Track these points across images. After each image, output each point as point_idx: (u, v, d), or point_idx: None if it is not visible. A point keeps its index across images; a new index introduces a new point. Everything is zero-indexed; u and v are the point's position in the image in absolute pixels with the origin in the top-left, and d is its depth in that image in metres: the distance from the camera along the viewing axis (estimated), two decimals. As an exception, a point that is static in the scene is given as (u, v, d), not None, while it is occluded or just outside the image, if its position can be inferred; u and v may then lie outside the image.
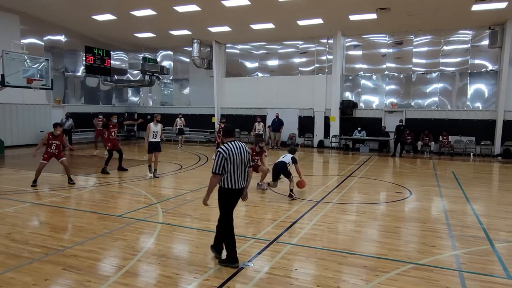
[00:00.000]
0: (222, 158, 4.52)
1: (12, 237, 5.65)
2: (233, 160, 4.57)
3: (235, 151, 4.60)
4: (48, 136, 9.73)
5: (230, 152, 4.56)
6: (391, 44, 19.70)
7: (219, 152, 4.55)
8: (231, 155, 4.56)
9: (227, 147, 4.59)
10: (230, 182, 4.61)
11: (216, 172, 4.54)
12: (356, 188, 10.09)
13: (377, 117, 20.04)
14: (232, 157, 4.56)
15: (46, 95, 19.75)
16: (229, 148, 4.59)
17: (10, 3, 16.89)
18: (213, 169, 4.55)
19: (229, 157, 4.54)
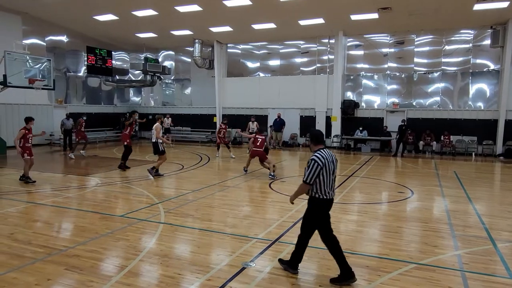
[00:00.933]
0: (318, 167, 4.20)
1: (15, 237, 5.67)
2: (328, 169, 4.27)
3: (328, 159, 4.30)
4: (25, 131, 9.94)
5: (325, 161, 4.24)
6: (392, 43, 19.68)
7: (314, 161, 4.21)
8: (326, 164, 4.25)
9: (322, 155, 4.27)
10: (324, 193, 4.29)
11: (308, 182, 4.24)
12: (357, 188, 10.08)
13: (379, 117, 20.02)
14: (328, 166, 4.26)
15: (48, 96, 19.79)
16: (324, 156, 4.27)
17: (12, 3, 16.94)
18: (305, 178, 4.24)
19: (325, 166, 4.23)
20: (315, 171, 4.20)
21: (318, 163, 4.20)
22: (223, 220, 6.81)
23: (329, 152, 4.39)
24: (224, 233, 6.03)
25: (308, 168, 4.25)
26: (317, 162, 4.21)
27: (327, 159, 4.27)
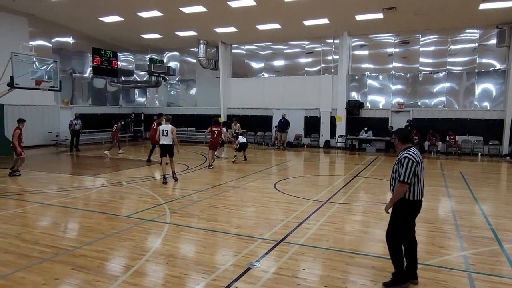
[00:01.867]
0: (413, 165, 3.99)
1: (22, 237, 5.73)
2: (421, 167, 4.10)
3: (420, 158, 4.11)
4: (20, 131, 10.85)
5: (418, 158, 4.06)
6: (397, 43, 19.61)
7: (408, 158, 4.01)
8: (420, 162, 4.07)
9: (414, 153, 4.08)
10: (415, 193, 4.08)
11: (407, 181, 3.98)
12: (363, 188, 10.06)
13: (384, 117, 19.96)
14: (421, 164, 4.09)
15: (54, 97, 19.94)
16: (416, 154, 4.09)
17: (18, 5, 17.09)
18: (403, 177, 3.98)
19: (418, 163, 4.05)
20: (412, 168, 3.98)
21: (412, 160, 4.00)
22: (228, 221, 6.83)
23: (418, 151, 4.21)
24: (229, 233, 6.05)
25: (402, 166, 4.02)
26: (412, 160, 4.00)
27: (418, 156, 4.09)
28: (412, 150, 4.12)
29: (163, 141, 10.33)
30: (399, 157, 4.15)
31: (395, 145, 4.33)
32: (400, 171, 4.03)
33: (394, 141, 4.36)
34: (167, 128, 10.30)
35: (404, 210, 4.12)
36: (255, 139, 22.76)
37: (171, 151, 10.44)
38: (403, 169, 4.01)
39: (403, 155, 4.07)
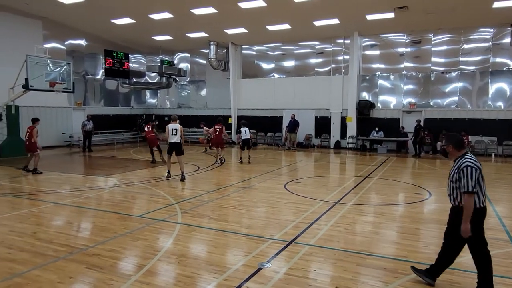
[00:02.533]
0: (477, 172, 3.80)
1: (38, 236, 5.84)
2: (482, 173, 3.90)
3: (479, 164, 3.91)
4: (36, 130, 11.86)
5: (479, 164, 3.88)
6: (409, 43, 19.42)
7: (470, 166, 3.81)
8: (481, 168, 3.88)
9: (475, 159, 3.90)
10: (480, 200, 3.87)
11: (474, 190, 3.76)
12: (374, 189, 9.99)
13: (395, 117, 19.79)
14: (481, 170, 3.89)
15: (68, 98, 20.25)
16: (476, 160, 3.90)
17: (32, 9, 17.41)
18: (468, 187, 3.76)
19: (480, 170, 3.85)
20: (476, 176, 3.79)
21: (476, 168, 3.81)
22: (239, 221, 6.86)
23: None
24: (240, 233, 6.07)
25: (465, 176, 3.80)
26: (475, 167, 3.81)
27: (479, 162, 3.90)
28: (472, 157, 3.94)
29: (172, 140, 10.58)
30: (459, 165, 3.92)
31: (448, 152, 4.09)
32: (463, 180, 3.82)
33: (447, 148, 4.08)
34: (176, 127, 10.62)
35: (475, 220, 3.88)
36: (265, 139, 22.77)
37: (179, 149, 10.69)
38: (466, 178, 3.80)
39: (465, 163, 3.86)
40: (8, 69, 15.58)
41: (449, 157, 4.12)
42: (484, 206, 3.91)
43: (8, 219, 6.82)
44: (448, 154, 4.10)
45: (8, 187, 9.98)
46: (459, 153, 3.99)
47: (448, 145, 4.05)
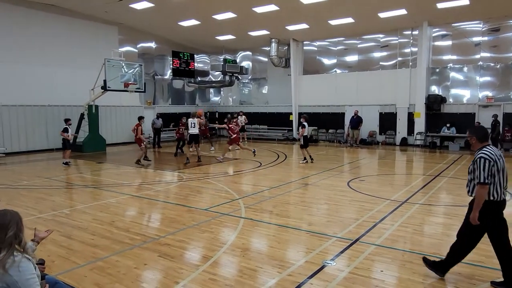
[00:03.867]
0: (490, 164, 3.84)
1: (116, 225, 6.37)
2: (500, 167, 3.93)
3: (498, 156, 3.94)
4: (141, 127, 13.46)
5: (495, 157, 3.90)
6: (486, 31, 17.80)
7: (483, 158, 3.87)
8: (497, 161, 3.90)
9: (491, 152, 3.93)
10: (497, 193, 3.92)
11: (486, 182, 3.82)
12: (445, 189, 9.38)
13: (469, 112, 18.30)
14: (499, 164, 3.92)
15: (139, 97, 21.71)
16: (493, 152, 3.93)
17: (110, 16, 18.94)
18: (481, 178, 3.83)
19: (496, 163, 3.88)
20: (488, 168, 3.84)
21: (489, 160, 3.85)
22: (301, 217, 6.86)
23: (496, 150, 4.06)
24: (302, 230, 6.07)
25: (478, 167, 3.88)
26: (487, 159, 3.85)
27: (496, 155, 3.92)
28: (490, 149, 3.96)
29: (191, 131, 13.11)
30: (474, 157, 4.00)
31: (472, 144, 4.16)
32: (477, 172, 3.88)
33: (470, 139, 4.17)
34: (194, 121, 13.14)
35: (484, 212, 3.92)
36: (327, 136, 22.40)
37: (197, 139, 13.31)
38: (479, 169, 3.87)
39: (481, 155, 3.91)
40: (88, 72, 17.13)
41: (472, 148, 4.21)
42: (498, 200, 3.91)
43: (91, 208, 7.54)
44: (471, 145, 4.18)
45: (89, 179, 11.00)
46: (481, 145, 4.04)
47: (472, 137, 4.14)
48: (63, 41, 17.90)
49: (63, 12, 17.70)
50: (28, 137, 16.97)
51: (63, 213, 7.13)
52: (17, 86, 16.37)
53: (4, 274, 2.38)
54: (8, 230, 2.47)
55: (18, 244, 2.53)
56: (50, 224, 6.40)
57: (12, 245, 2.47)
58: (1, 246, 2.43)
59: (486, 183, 3.82)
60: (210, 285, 4.13)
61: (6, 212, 2.57)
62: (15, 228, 2.52)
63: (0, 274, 2.38)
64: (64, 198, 8.45)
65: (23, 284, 2.42)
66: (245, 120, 21.02)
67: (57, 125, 17.94)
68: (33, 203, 7.93)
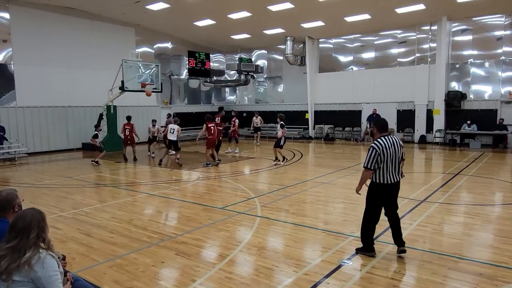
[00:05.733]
0: (376, 153, 4.57)
1: (134, 223, 6.47)
2: (386, 155, 4.58)
3: (388, 145, 4.61)
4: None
5: (383, 148, 4.57)
6: (508, 25, 17.25)
7: (372, 147, 4.60)
8: (384, 150, 4.57)
9: (380, 142, 4.61)
10: (382, 177, 4.65)
11: (368, 167, 4.62)
12: (466, 187, 9.15)
13: (491, 108, 17.80)
14: (386, 152, 4.58)
15: (156, 97, 21.97)
16: (383, 143, 4.61)
17: (127, 17, 19.24)
18: (364, 163, 4.65)
19: (382, 152, 4.56)
20: (373, 157, 4.58)
21: (376, 149, 4.57)
22: (317, 216, 6.82)
23: (393, 139, 4.71)
24: (319, 229, 6.03)
25: (367, 154, 4.65)
26: (375, 148, 4.57)
27: (385, 145, 4.59)
28: (381, 140, 4.63)
29: (170, 137, 12.75)
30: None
31: (374, 133, 4.85)
32: (366, 157, 4.65)
33: (373, 129, 4.89)
34: (174, 128, 12.77)
35: (371, 192, 4.81)
36: (343, 134, 22.19)
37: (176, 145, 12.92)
38: (367, 156, 4.63)
39: (371, 144, 4.66)
40: (107, 73, 17.44)
41: (373, 137, 4.86)
42: (382, 183, 4.65)
43: (109, 206, 7.68)
44: (373, 135, 4.87)
45: (108, 178, 11.21)
46: (379, 135, 4.73)
47: (374, 127, 4.86)
48: (83, 43, 18.29)
49: (82, 15, 18.09)
50: (50, 137, 17.42)
51: (83, 211, 7.29)
52: (39, 87, 16.83)
53: (30, 271, 2.45)
54: (31, 232, 2.52)
55: (42, 242, 2.60)
56: (70, 222, 6.55)
57: (36, 244, 2.53)
58: (26, 247, 2.48)
59: (368, 167, 4.61)
60: (226, 284, 4.15)
61: (27, 214, 2.61)
62: (37, 229, 2.56)
63: (27, 271, 2.45)
64: (84, 196, 8.63)
65: (46, 281, 2.48)
66: (261, 121, 20.69)
67: (77, 126, 18.40)
68: (55, 201, 8.13)
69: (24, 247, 2.48)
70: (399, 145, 4.70)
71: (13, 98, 16.20)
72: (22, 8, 16.19)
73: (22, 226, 2.52)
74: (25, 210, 2.69)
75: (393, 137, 4.76)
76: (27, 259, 2.45)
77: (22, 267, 2.43)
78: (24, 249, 2.47)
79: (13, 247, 2.48)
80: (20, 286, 2.46)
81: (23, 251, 2.47)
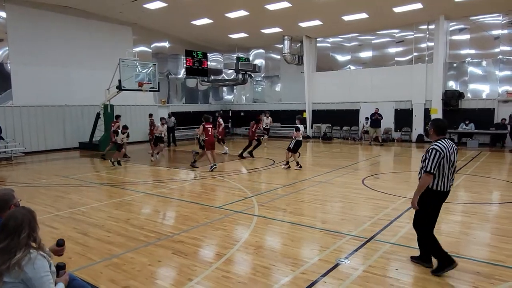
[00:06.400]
0: (440, 157, 4.12)
1: (131, 222, 6.44)
2: (448, 159, 4.17)
3: (449, 149, 4.20)
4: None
5: (446, 151, 4.15)
6: (506, 24, 17.31)
7: (434, 149, 4.14)
8: (448, 154, 4.16)
9: (444, 145, 4.18)
10: (442, 184, 4.21)
11: (432, 171, 4.12)
12: (463, 186, 9.17)
13: (488, 107, 17.84)
14: (448, 156, 4.17)
15: (153, 97, 21.91)
16: (445, 145, 4.18)
17: (124, 16, 19.16)
18: (428, 167, 4.12)
19: (446, 155, 4.14)
20: (437, 160, 4.11)
21: (440, 152, 4.12)
22: (315, 215, 6.81)
23: (451, 143, 4.30)
24: (316, 228, 6.02)
25: (428, 157, 4.17)
26: (439, 151, 4.13)
27: (447, 148, 4.18)
28: (443, 142, 4.22)
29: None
30: (428, 147, 4.28)
31: (430, 135, 4.44)
32: (427, 161, 4.16)
33: (429, 130, 4.45)
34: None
35: (430, 200, 4.26)
36: (341, 133, 22.20)
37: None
38: (429, 159, 4.16)
39: (433, 147, 4.20)
40: (104, 72, 17.37)
41: (430, 138, 4.46)
42: (441, 190, 4.21)
43: (106, 206, 7.65)
44: (429, 135, 4.47)
45: (105, 177, 11.17)
46: (437, 138, 4.30)
47: (431, 128, 4.41)
48: (80, 42, 18.21)
49: (79, 14, 18.00)
50: (46, 137, 17.34)
51: (80, 210, 7.25)
52: (36, 86, 16.74)
53: (20, 272, 2.43)
54: (22, 232, 2.49)
55: (33, 242, 2.57)
56: (67, 221, 6.52)
57: (27, 245, 2.51)
58: (16, 248, 2.46)
59: (432, 172, 4.13)
60: (224, 283, 4.13)
61: (17, 214, 2.58)
62: (28, 228, 2.53)
63: (17, 272, 2.43)
64: (81, 196, 8.59)
65: (36, 281, 2.46)
66: (271, 122, 19.61)
67: (74, 125, 18.33)
68: (51, 201, 8.09)
69: (14, 248, 2.45)
70: (456, 150, 4.35)
71: (9, 97, 16.12)
72: (18, 7, 16.10)
73: (14, 226, 2.50)
74: (16, 210, 2.67)
75: (450, 141, 4.34)
76: (17, 260, 2.42)
77: (13, 268, 2.41)
78: (15, 250, 2.45)
79: (3, 248, 2.45)
80: (12, 287, 2.44)
81: (13, 252, 2.44)
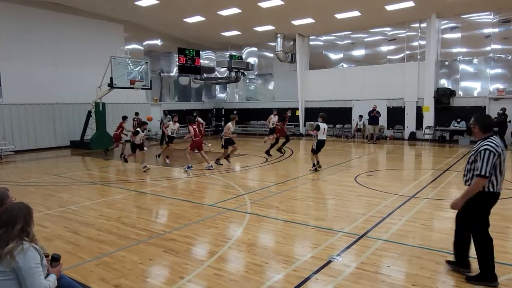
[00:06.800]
0: (494, 157, 3.72)
1: (122, 221, 6.38)
2: (502, 159, 3.82)
3: (502, 148, 3.83)
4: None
5: (500, 149, 3.77)
6: (496, 23, 17.46)
7: (488, 150, 3.72)
8: (502, 153, 3.79)
9: (497, 144, 3.78)
10: (495, 185, 3.81)
11: (487, 175, 3.71)
12: (455, 183, 9.23)
13: (479, 105, 18.01)
14: (502, 155, 3.81)
15: (146, 95, 21.76)
16: (497, 144, 3.78)
17: (115, 13, 18.97)
18: (483, 171, 3.71)
19: (500, 155, 3.77)
20: (492, 161, 3.72)
21: (494, 152, 3.72)
22: (308, 213, 6.81)
23: (500, 141, 3.91)
24: (309, 225, 6.02)
25: (481, 159, 3.75)
26: (492, 152, 3.72)
27: (500, 147, 3.79)
28: (494, 141, 3.81)
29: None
30: (478, 147, 3.86)
31: (474, 132, 4.02)
32: (479, 163, 3.76)
33: (473, 127, 4.00)
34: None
35: (482, 203, 3.90)
36: (334, 131, 22.25)
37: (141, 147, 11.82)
38: (482, 161, 3.74)
39: (486, 147, 3.77)
40: (95, 70, 17.17)
41: (474, 136, 4.08)
42: (494, 192, 3.82)
43: (97, 204, 7.57)
44: (473, 133, 4.05)
45: (97, 176, 11.07)
46: (483, 135, 3.90)
47: (475, 126, 3.98)
48: (70, 39, 17.99)
49: (69, 10, 17.77)
50: (37, 135, 17.13)
51: (70, 209, 7.17)
52: (25, 84, 16.51)
53: (12, 261, 2.48)
54: (16, 225, 2.57)
55: (27, 236, 2.63)
56: (57, 220, 6.44)
57: (20, 236, 2.57)
58: (9, 239, 2.53)
59: (487, 176, 3.72)
60: (215, 280, 4.11)
61: (14, 207, 2.68)
62: (23, 222, 2.61)
63: (8, 261, 2.48)
64: (72, 194, 8.49)
65: (26, 272, 2.50)
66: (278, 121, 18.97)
67: (65, 123, 18.13)
68: (41, 199, 7.99)
69: (7, 239, 2.52)
70: (506, 146, 4.24)
71: (-1, 95, 15.90)
72: (7, 4, 15.85)
73: (8, 218, 2.58)
74: (13, 204, 2.77)
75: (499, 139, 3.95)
76: (10, 250, 2.49)
77: (5, 257, 2.47)
78: (8, 240, 2.52)
79: None
80: (2, 276, 2.49)
81: (6, 241, 2.51)
